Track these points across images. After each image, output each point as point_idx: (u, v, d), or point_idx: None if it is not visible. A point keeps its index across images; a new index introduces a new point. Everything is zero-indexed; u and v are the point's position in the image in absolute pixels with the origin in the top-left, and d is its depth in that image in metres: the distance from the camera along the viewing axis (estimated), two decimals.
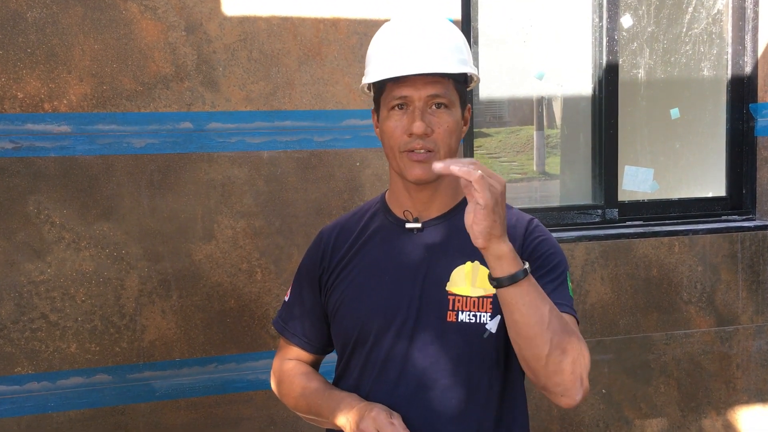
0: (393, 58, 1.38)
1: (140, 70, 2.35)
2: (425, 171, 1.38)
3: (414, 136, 1.37)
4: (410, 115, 1.38)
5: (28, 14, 2.26)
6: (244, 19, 2.43)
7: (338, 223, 1.58)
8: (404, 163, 1.40)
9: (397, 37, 1.41)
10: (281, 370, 1.60)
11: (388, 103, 1.40)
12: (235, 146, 2.45)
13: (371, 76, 1.42)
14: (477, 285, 1.40)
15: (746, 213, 3.14)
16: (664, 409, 2.97)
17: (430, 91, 1.37)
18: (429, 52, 1.37)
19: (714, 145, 3.30)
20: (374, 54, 1.44)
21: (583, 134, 3.15)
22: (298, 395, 1.53)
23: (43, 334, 2.32)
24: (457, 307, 1.40)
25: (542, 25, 3.36)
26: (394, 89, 1.38)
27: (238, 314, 2.48)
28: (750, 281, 3.01)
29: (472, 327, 1.39)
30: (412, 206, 1.47)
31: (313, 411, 1.49)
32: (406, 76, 1.36)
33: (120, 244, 2.37)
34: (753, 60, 3.11)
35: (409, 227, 1.46)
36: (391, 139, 1.40)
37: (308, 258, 1.58)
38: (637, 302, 2.90)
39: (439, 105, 1.38)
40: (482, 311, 1.40)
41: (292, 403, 1.56)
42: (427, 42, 1.38)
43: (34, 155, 2.29)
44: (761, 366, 3.06)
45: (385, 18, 2.52)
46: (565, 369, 1.27)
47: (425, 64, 1.36)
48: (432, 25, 1.42)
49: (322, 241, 1.56)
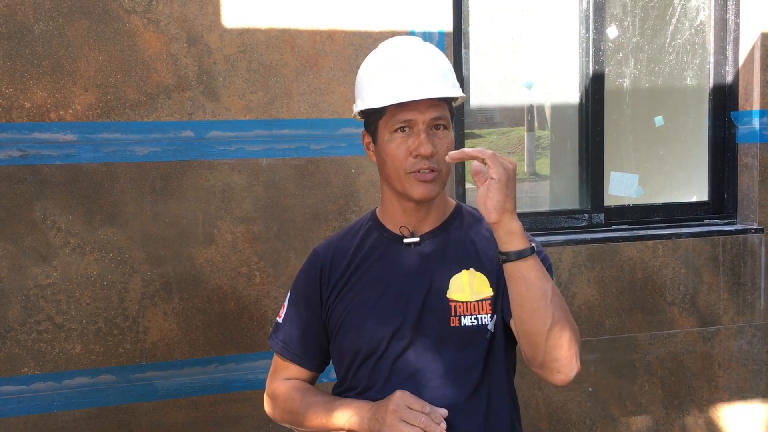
0: (397, 84, 1.41)
1: (143, 81, 2.41)
2: (431, 190, 1.44)
3: (420, 157, 1.41)
4: (415, 137, 1.42)
5: (35, 27, 2.31)
6: (244, 31, 2.49)
7: (331, 242, 1.61)
8: (410, 184, 1.44)
9: (395, 64, 1.44)
10: (281, 390, 1.60)
11: (390, 126, 1.43)
12: (234, 154, 2.50)
13: (377, 101, 1.43)
14: (475, 290, 1.47)
15: (727, 217, 3.20)
16: (648, 407, 3.03)
17: (433, 114, 1.42)
18: (431, 77, 1.42)
19: (696, 151, 3.34)
20: (372, 80, 1.46)
21: (571, 141, 3.19)
22: (302, 410, 1.53)
23: (49, 336, 2.38)
24: (459, 312, 1.46)
25: (531, 36, 3.39)
26: (397, 113, 1.42)
27: (238, 316, 2.54)
28: (731, 283, 3.07)
29: (475, 330, 1.46)
30: (407, 222, 1.51)
31: (320, 423, 1.49)
32: (409, 102, 1.40)
33: (123, 248, 2.43)
34: (734, 69, 3.17)
35: (407, 242, 1.51)
36: (395, 161, 1.43)
37: (304, 277, 1.59)
38: (623, 304, 2.96)
39: (439, 126, 1.44)
40: (483, 313, 1.47)
41: (294, 419, 1.55)
42: (427, 67, 1.43)
43: (40, 163, 2.34)
44: (742, 365, 3.13)
45: (379, 30, 2.60)
46: (563, 344, 1.34)
47: (431, 88, 1.41)
48: (425, 51, 1.47)
49: (318, 260, 1.58)
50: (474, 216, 1.59)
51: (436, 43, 2.65)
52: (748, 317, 3.11)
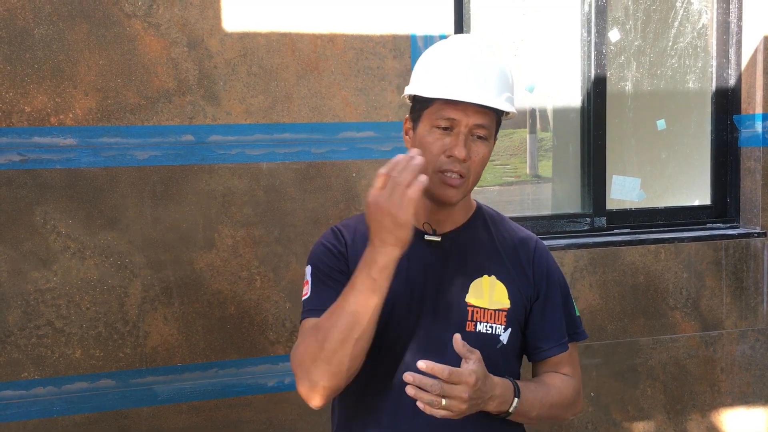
0: (453, 81, 1.39)
1: (143, 85, 2.41)
2: (453, 195, 1.42)
3: (452, 158, 1.40)
4: (454, 137, 1.40)
5: (35, 31, 2.31)
6: (244, 35, 2.49)
7: (349, 224, 1.54)
8: (436, 183, 1.42)
9: (459, 61, 1.41)
10: (300, 342, 1.39)
11: (433, 119, 1.41)
12: (235, 158, 2.50)
13: (428, 90, 1.41)
14: (494, 298, 1.47)
15: (730, 221, 3.19)
16: (650, 412, 3.03)
17: (478, 120, 1.40)
18: (488, 85, 1.39)
19: (699, 155, 3.34)
20: (431, 69, 1.43)
21: (573, 145, 3.18)
22: (328, 323, 1.32)
23: (49, 341, 2.38)
24: (476, 317, 1.46)
25: (533, 40, 3.39)
26: (444, 109, 1.40)
27: (238, 320, 2.53)
28: (734, 287, 3.07)
29: (488, 337, 1.46)
30: (430, 218, 1.50)
31: (350, 308, 1.29)
32: (459, 100, 1.38)
33: (124, 253, 2.42)
34: (737, 73, 3.17)
35: (429, 239, 1.49)
36: (428, 155, 1.40)
37: (329, 247, 1.49)
38: (625, 308, 2.96)
39: (480, 135, 1.42)
40: (498, 323, 1.47)
41: (326, 335, 1.30)
42: (487, 74, 1.40)
43: (40, 167, 2.34)
44: (744, 369, 3.12)
45: (380, 34, 2.59)
46: (565, 418, 1.57)
47: (483, 95, 1.38)
48: (497, 58, 1.44)
49: (341, 235, 1.51)
50: (494, 219, 1.58)
51: None
52: (751, 321, 3.10)
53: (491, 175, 8.22)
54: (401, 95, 1.56)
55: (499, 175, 9.28)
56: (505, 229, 1.57)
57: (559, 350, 1.56)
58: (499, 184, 8.07)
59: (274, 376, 2.57)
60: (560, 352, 1.56)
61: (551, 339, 1.56)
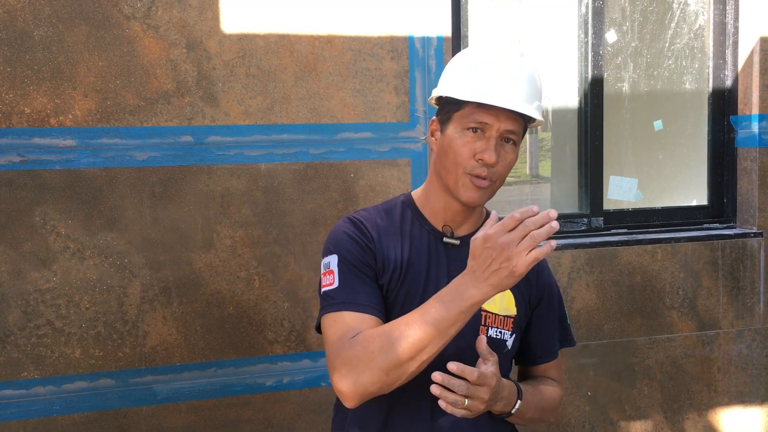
0: (489, 85, 1.39)
1: (142, 86, 2.42)
2: (480, 197, 1.43)
3: (481, 162, 1.40)
4: (485, 141, 1.41)
5: (34, 33, 2.33)
6: (243, 36, 2.50)
7: (368, 218, 1.51)
8: (464, 184, 1.42)
9: (494, 65, 1.41)
10: (356, 340, 1.33)
11: (465, 122, 1.42)
12: (233, 159, 2.51)
13: (463, 93, 1.41)
14: (504, 305, 1.51)
15: (727, 221, 3.20)
16: (647, 411, 3.04)
17: (510, 126, 1.41)
18: (522, 91, 1.40)
19: (696, 155, 3.35)
20: (465, 72, 1.44)
21: (570, 145, 3.19)
22: (398, 333, 1.29)
23: (49, 340, 2.39)
24: (488, 322, 1.49)
25: (530, 41, 3.40)
26: (476, 112, 1.40)
27: (237, 320, 2.54)
28: (730, 287, 3.08)
29: (498, 342, 1.50)
30: (449, 220, 1.51)
31: (424, 331, 1.28)
32: (492, 104, 1.39)
33: (123, 253, 2.44)
34: (733, 73, 3.17)
35: (448, 242, 1.50)
36: (458, 157, 1.41)
37: (355, 238, 1.46)
38: (622, 308, 2.97)
39: (509, 140, 1.43)
40: (506, 329, 1.51)
41: (390, 349, 1.28)
42: (522, 80, 1.41)
43: (40, 168, 2.35)
44: (741, 369, 3.13)
45: (378, 35, 2.60)
46: (548, 421, 1.62)
47: (518, 102, 1.39)
48: (527, 65, 1.44)
49: (366, 229, 1.48)
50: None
51: (436, 49, 2.66)
52: (748, 321, 3.11)
53: None
54: (429, 97, 1.56)
55: None
56: None
57: (552, 357, 1.63)
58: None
59: (273, 376, 2.59)
60: (553, 358, 1.63)
61: (547, 346, 1.62)
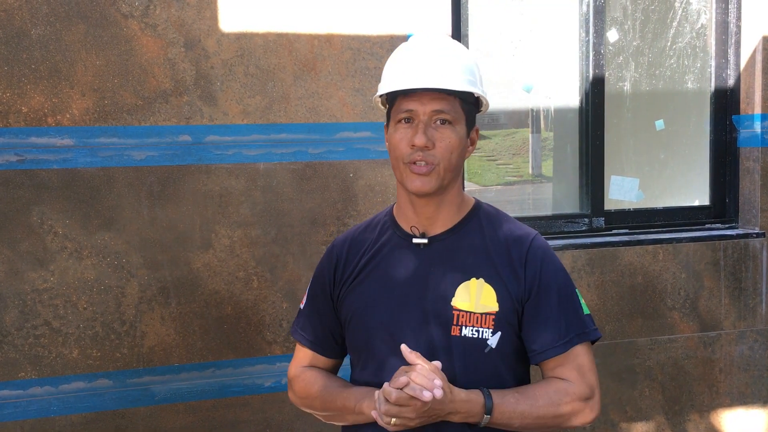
0: (403, 73, 1.43)
1: (140, 85, 2.41)
2: (424, 184, 1.43)
3: (415, 148, 1.41)
4: (414, 128, 1.43)
5: (32, 31, 2.32)
6: (241, 35, 2.49)
7: (349, 235, 1.61)
8: (406, 174, 1.44)
9: (409, 54, 1.46)
10: (297, 374, 1.63)
11: (396, 116, 1.46)
12: (232, 158, 2.50)
13: (381, 89, 1.49)
14: (481, 302, 1.45)
15: (729, 222, 3.19)
16: (648, 413, 3.02)
17: (435, 106, 1.42)
18: (437, 70, 1.42)
19: (698, 155, 3.33)
20: (388, 69, 1.50)
21: (571, 145, 3.18)
22: (317, 393, 1.56)
23: (46, 341, 2.38)
24: (461, 322, 1.45)
25: (531, 40, 3.39)
26: (402, 103, 1.44)
27: (235, 321, 2.53)
28: (732, 288, 3.06)
29: (475, 342, 1.44)
30: (418, 221, 1.51)
31: (334, 407, 1.52)
32: (414, 91, 1.41)
33: (121, 253, 2.43)
34: (735, 73, 3.16)
35: (416, 242, 1.50)
36: (396, 150, 1.45)
37: (321, 269, 1.62)
38: (623, 308, 2.96)
39: (444, 121, 1.43)
40: (484, 327, 1.45)
41: (312, 403, 1.59)
42: (437, 60, 1.43)
43: (37, 167, 2.34)
44: (743, 370, 3.12)
45: (377, 34, 2.60)
46: (568, 426, 1.47)
47: (431, 79, 1.41)
48: (444, 45, 1.48)
49: (333, 253, 1.60)
50: (491, 218, 1.55)
51: None
52: (750, 322, 3.09)
53: (493, 174, 8.21)
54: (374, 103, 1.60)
55: (501, 174, 9.27)
56: (501, 228, 1.53)
57: (554, 353, 1.47)
58: (500, 184, 8.05)
59: (271, 376, 2.58)
60: (556, 354, 1.47)
61: (545, 341, 1.48)
